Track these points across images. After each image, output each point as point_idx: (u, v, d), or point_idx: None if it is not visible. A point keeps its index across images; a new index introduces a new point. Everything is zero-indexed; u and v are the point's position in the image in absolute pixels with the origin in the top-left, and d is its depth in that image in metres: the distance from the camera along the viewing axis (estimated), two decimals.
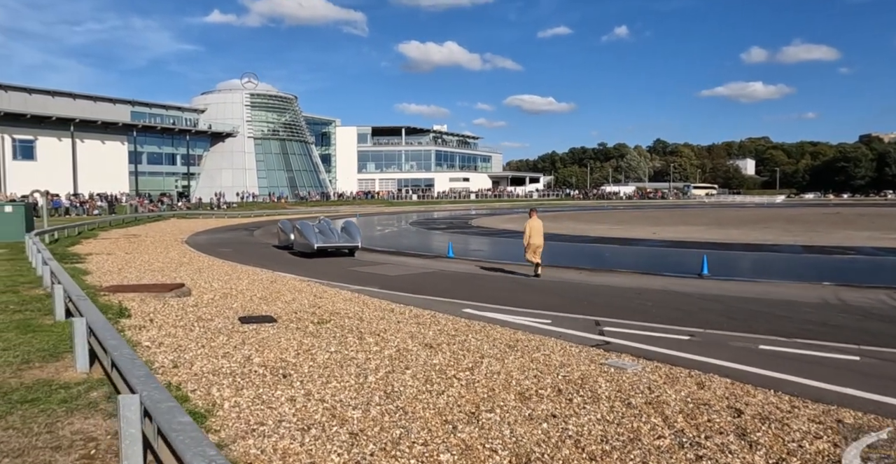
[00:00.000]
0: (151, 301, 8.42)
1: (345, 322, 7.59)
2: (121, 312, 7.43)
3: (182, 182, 68.99)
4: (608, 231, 29.48)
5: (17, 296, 8.62)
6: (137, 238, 24.23)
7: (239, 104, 72.69)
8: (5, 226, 21.81)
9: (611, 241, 23.68)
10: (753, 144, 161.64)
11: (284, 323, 7.38)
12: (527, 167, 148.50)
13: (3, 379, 4.64)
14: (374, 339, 6.64)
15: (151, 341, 6.11)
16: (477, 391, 4.88)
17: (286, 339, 6.45)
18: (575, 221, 39.61)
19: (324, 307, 8.67)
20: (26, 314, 7.24)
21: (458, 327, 7.52)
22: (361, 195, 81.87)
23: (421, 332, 7.13)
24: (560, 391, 4.99)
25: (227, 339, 6.35)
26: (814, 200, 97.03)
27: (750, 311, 9.26)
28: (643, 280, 12.62)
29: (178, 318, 7.40)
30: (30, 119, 51.56)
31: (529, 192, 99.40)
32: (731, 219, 40.97)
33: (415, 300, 9.87)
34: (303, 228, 17.56)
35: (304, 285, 11.16)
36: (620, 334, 7.51)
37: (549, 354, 6.28)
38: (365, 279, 12.63)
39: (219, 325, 7.09)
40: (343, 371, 5.27)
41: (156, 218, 41.15)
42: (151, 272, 12.91)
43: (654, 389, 5.14)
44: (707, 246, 20.86)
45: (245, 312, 7.98)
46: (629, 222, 37.88)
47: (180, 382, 4.78)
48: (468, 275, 13.61)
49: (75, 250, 18.92)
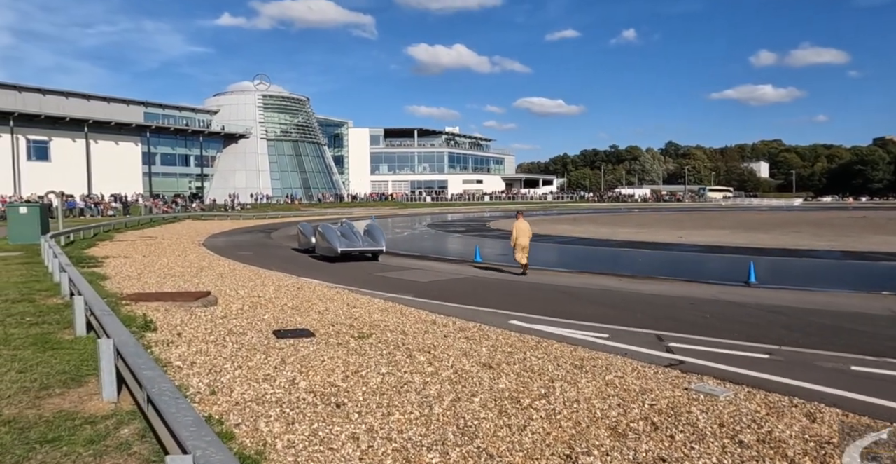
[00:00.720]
0: (177, 311, 7.82)
1: (388, 336, 6.95)
2: (146, 325, 6.82)
3: (195, 183, 68.82)
4: (633, 235, 28.68)
5: (33, 306, 8.04)
6: (154, 240, 23.75)
7: (251, 105, 72.47)
8: (20, 227, 21.36)
9: (639, 245, 22.92)
10: (766, 147, 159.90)
11: (323, 337, 6.75)
12: (538, 169, 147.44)
13: (20, 411, 4.02)
14: (425, 357, 6.00)
15: (182, 361, 5.49)
16: (562, 425, 4.22)
17: (329, 357, 5.82)
18: (595, 224, 38.83)
19: (361, 318, 8.04)
20: (44, 328, 6.64)
21: (512, 343, 6.87)
22: (375, 197, 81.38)
23: (473, 348, 6.48)
24: (655, 425, 4.32)
25: (264, 357, 5.73)
26: (832, 204, 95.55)
27: (820, 325, 8.54)
28: (689, 288, 11.90)
29: (208, 331, 6.79)
30: (44, 120, 51.46)
31: (543, 194, 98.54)
32: (756, 222, 40.02)
33: (455, 310, 9.22)
34: (325, 232, 16.96)
35: (333, 293, 10.54)
36: (690, 352, 6.82)
37: (622, 376, 5.61)
38: (395, 286, 12.00)
39: (252, 340, 6.47)
40: (403, 399, 4.63)
41: (171, 219, 40.79)
42: (172, 277, 12.35)
43: (761, 422, 4.46)
44: (741, 251, 20.08)
45: (278, 325, 7.36)
46: (651, 225, 37.07)
47: (221, 413, 4.15)
48: (502, 281, 12.95)
49: (91, 253, 18.43)
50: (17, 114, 49.48)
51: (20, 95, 52.77)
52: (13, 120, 49.37)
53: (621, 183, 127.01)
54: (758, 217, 48.58)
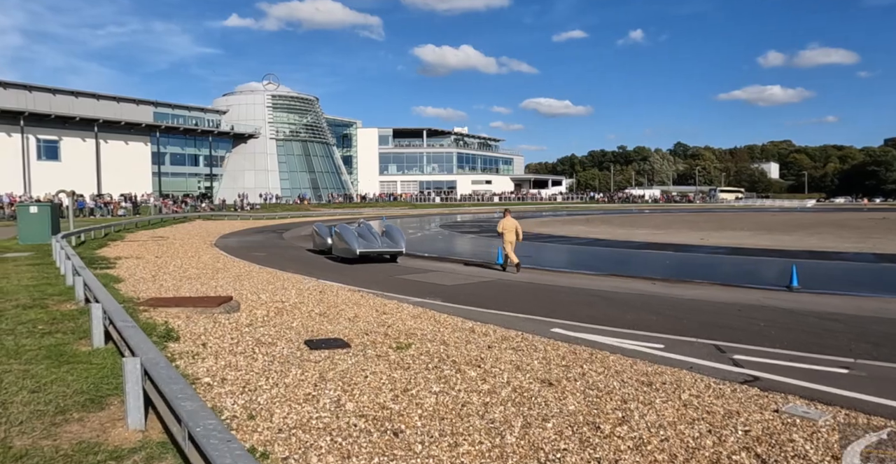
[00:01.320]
0: (199, 319, 7.29)
1: (428, 347, 6.41)
2: (167, 335, 6.29)
3: (204, 183, 68.52)
4: (650, 236, 28.05)
5: (45, 312, 7.52)
6: (165, 241, 23.31)
7: (261, 105, 72.14)
8: (31, 227, 20.97)
9: (661, 247, 22.28)
10: (776, 148, 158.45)
11: (359, 348, 6.20)
12: (545, 170, 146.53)
13: (33, 441, 3.48)
14: (475, 372, 5.44)
15: (212, 376, 4.95)
16: (657, 459, 3.66)
17: (372, 372, 5.27)
18: (610, 225, 38.22)
19: (394, 326, 7.50)
20: (58, 337, 6.12)
21: (563, 354, 6.31)
22: (384, 197, 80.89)
23: (524, 361, 5.93)
24: (762, 460, 3.75)
25: (300, 372, 5.18)
26: (846, 205, 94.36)
27: (884, 334, 7.93)
28: (729, 293, 11.29)
29: (235, 341, 6.26)
30: (54, 119, 51.26)
31: (553, 195, 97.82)
32: (774, 224, 39.27)
33: (490, 317, 8.66)
34: (343, 232, 16.42)
35: (359, 297, 10.01)
36: (759, 365, 6.24)
37: (698, 395, 5.04)
38: (421, 290, 11.45)
39: (284, 351, 5.93)
40: (466, 425, 4.07)
41: (181, 219, 40.40)
42: (188, 280, 11.85)
43: (882, 456, 3.88)
44: (767, 253, 19.45)
45: (308, 334, 6.82)
46: (667, 227, 36.40)
47: (264, 443, 3.61)
48: (531, 285, 12.36)
49: (103, 253, 17.98)
50: (28, 113, 49.29)
51: (30, 95, 52.58)
52: (23, 119, 49.18)
53: (630, 184, 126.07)
54: (774, 218, 47.79)
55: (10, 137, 48.84)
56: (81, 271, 8.17)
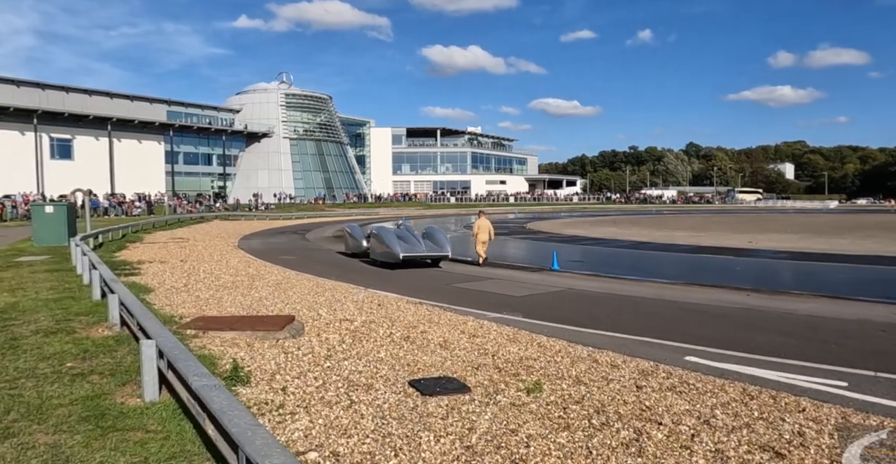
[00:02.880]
0: (263, 347, 5.91)
1: (563, 388, 5.00)
2: (234, 374, 4.86)
3: (218, 183, 67.38)
4: (692, 238, 26.51)
5: (73, 342, 6.03)
6: (186, 243, 22.01)
7: (274, 104, 70.97)
8: (46, 228, 19.71)
9: (714, 251, 20.72)
10: (790, 148, 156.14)
11: (483, 393, 4.79)
12: (555, 170, 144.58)
13: None
14: (659, 432, 4.03)
15: (318, 450, 3.54)
16: None
17: (528, 435, 3.86)
18: (640, 227, 36.71)
19: (500, 355, 6.09)
20: (94, 383, 4.71)
21: (741, 399, 4.89)
22: (399, 197, 79.55)
23: (704, 412, 4.51)
24: None
25: (433, 438, 3.76)
26: (872, 206, 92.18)
27: None
28: (850, 309, 9.78)
29: (320, 383, 4.85)
30: (67, 118, 50.19)
31: (568, 195, 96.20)
32: (817, 226, 37.60)
33: (598, 339, 7.25)
34: (382, 235, 15.03)
35: (426, 312, 8.62)
36: None
37: None
38: (489, 302, 10.05)
39: (390, 399, 4.52)
40: None
41: (198, 219, 39.15)
42: (225, 290, 10.50)
43: None
44: (834, 258, 17.90)
45: (405, 369, 5.41)
46: (703, 228, 34.82)
47: None
48: (610, 296, 10.92)
49: (123, 256, 16.69)
50: (41, 112, 48.23)
51: (43, 93, 51.55)
52: (36, 118, 48.12)
53: (645, 184, 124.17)
54: (811, 220, 46.06)
55: (23, 135, 47.78)
56: (114, 286, 6.78)
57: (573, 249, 21.94)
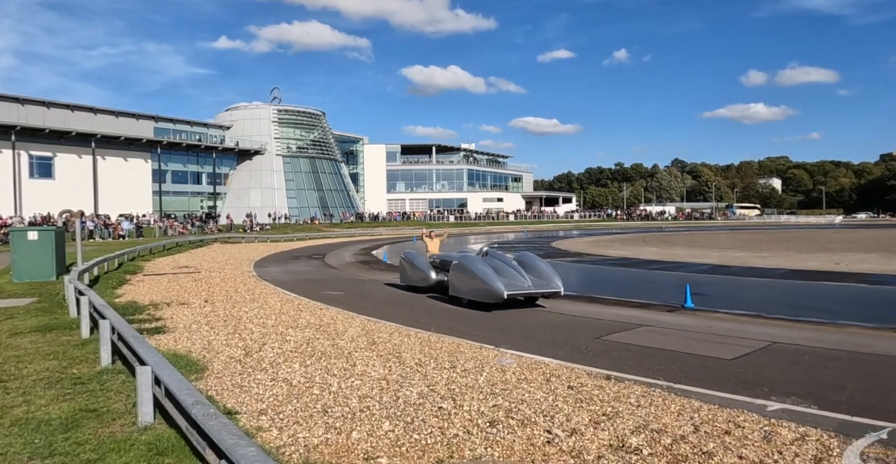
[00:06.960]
0: None
1: None
2: None
3: (207, 202, 63.77)
4: (762, 260, 23.57)
5: None
6: (198, 274, 18.60)
7: (266, 120, 67.85)
8: (29, 260, 16.18)
9: (815, 276, 17.73)
10: (774, 164, 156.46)
11: None
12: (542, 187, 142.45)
13: None
14: None
15: None
16: None
17: None
18: (681, 247, 33.76)
19: None
20: None
21: None
22: (396, 216, 76.36)
23: None
24: None
25: None
26: (872, 221, 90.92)
27: None
28: None
29: None
30: (48, 134, 46.52)
31: (569, 212, 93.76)
32: (867, 241, 35.04)
33: None
34: (472, 267, 11.72)
35: (629, 395, 5.47)
36: None
37: None
38: (690, 370, 6.90)
39: None
40: None
41: (197, 244, 35.51)
42: (312, 360, 7.26)
43: None
44: None
45: None
46: (753, 248, 31.94)
47: None
48: (852, 356, 7.83)
49: (129, 295, 13.32)
50: (20, 128, 44.54)
51: (23, 108, 47.80)
52: (15, 134, 44.43)
53: (639, 200, 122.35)
54: (849, 236, 43.61)
55: None
56: (201, 415, 3.41)
57: (663, 278, 18.92)
